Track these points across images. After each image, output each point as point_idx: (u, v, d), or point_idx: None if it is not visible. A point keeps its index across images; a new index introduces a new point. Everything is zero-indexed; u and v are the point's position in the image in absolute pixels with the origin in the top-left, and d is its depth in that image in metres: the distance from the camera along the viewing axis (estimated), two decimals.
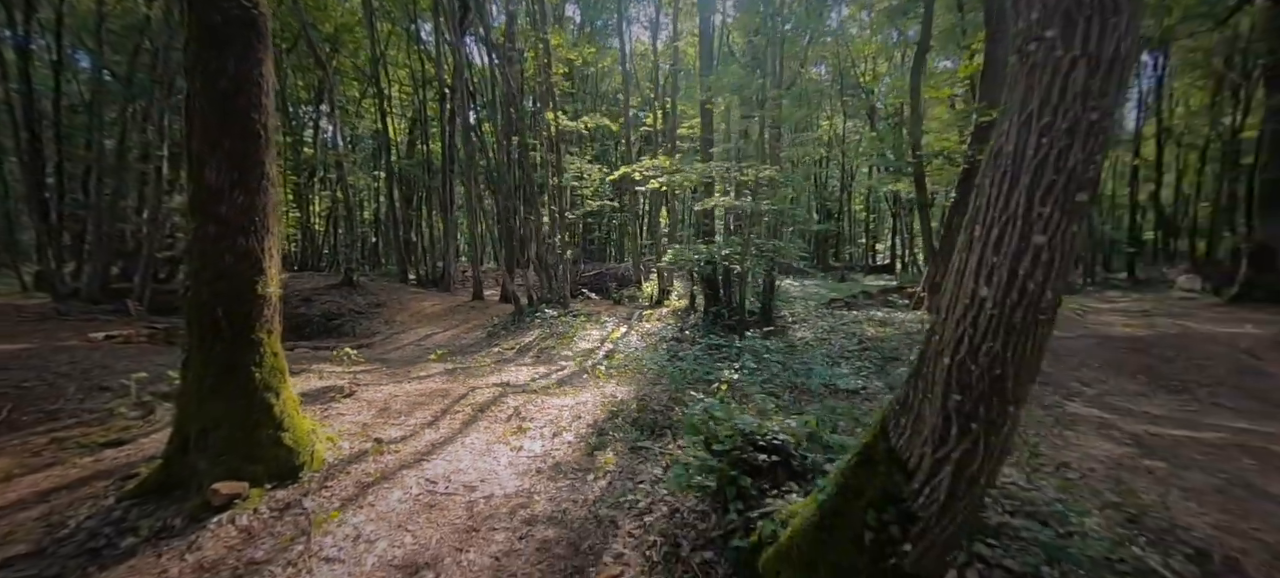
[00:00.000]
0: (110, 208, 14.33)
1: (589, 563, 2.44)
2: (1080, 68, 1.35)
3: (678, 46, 13.15)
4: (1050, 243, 1.43)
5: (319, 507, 2.94)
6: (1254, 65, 14.80)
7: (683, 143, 14.98)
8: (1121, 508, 2.71)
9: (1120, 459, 3.58)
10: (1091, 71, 1.34)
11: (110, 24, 14.26)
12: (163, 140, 14.15)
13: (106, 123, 14.62)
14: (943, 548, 1.69)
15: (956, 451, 1.59)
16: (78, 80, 16.85)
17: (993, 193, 1.52)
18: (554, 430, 4.14)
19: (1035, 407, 5.22)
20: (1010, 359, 1.51)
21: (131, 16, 15.06)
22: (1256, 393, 5.41)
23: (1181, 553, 2.35)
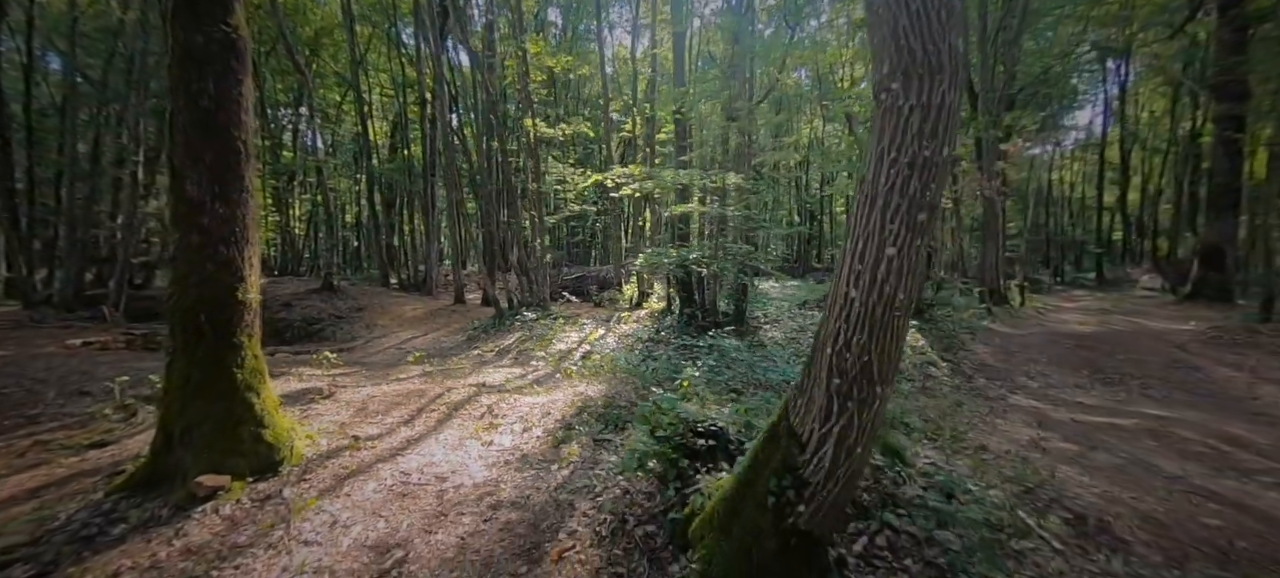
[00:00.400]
0: (83, 214, 14.24)
1: (546, 539, 2.74)
2: (916, 114, 1.69)
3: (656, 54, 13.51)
4: (899, 254, 1.77)
5: (298, 497, 3.20)
6: (1207, 74, 15.65)
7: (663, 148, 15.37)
8: (1022, 482, 3.09)
9: (1037, 442, 3.98)
10: (924, 118, 1.69)
11: (83, 26, 14.20)
12: (138, 145, 14.10)
13: (79, 126, 14.53)
14: (830, 508, 2.02)
15: (837, 425, 1.93)
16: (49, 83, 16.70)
17: (859, 214, 1.86)
18: (524, 426, 4.43)
19: (979, 399, 5.65)
20: (875, 348, 1.85)
21: (105, 19, 15.01)
22: (1182, 385, 5.89)
23: (1060, 517, 2.73)
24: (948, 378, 6.52)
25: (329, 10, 21.26)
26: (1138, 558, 2.47)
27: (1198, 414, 4.85)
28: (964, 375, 6.67)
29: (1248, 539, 2.61)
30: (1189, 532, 2.68)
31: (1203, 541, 2.60)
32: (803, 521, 2.00)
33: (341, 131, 26.46)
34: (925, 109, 1.68)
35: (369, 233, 24.83)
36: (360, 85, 20.39)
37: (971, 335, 8.26)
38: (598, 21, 14.27)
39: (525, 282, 12.21)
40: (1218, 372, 6.11)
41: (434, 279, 17.15)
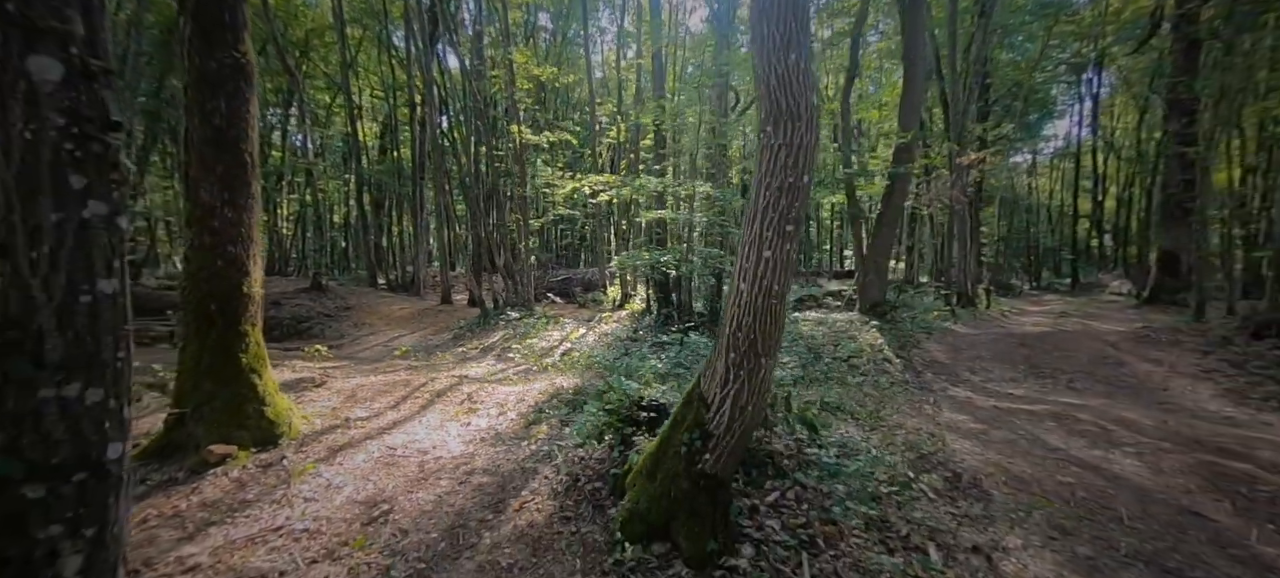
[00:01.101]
0: None
1: (510, 495, 3.27)
2: (783, 150, 2.27)
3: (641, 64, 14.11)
4: (773, 256, 2.34)
5: (296, 464, 3.71)
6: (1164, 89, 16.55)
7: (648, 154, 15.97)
8: (918, 450, 3.68)
9: (951, 423, 4.58)
10: (789, 154, 2.26)
11: None
12: (129, 144, 14.44)
13: None
14: (728, 455, 2.57)
15: (732, 389, 2.49)
16: None
17: (746, 226, 2.43)
18: (500, 411, 4.96)
19: (923, 390, 6.25)
20: (758, 328, 2.41)
21: None
22: (1103, 377, 6.55)
23: (940, 475, 3.32)
24: (898, 373, 7.13)
25: (320, 13, 21.67)
26: (995, 504, 3.05)
27: (1104, 402, 5.50)
28: (914, 371, 7.29)
29: (1087, 491, 3.21)
30: (1044, 487, 3.27)
31: (1052, 493, 3.20)
32: (708, 465, 2.56)
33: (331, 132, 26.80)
34: (789, 147, 2.26)
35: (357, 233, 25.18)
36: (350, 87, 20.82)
37: (928, 335, 8.90)
38: (584, 31, 14.86)
39: (510, 283, 12.71)
40: (1140, 367, 6.78)
41: (422, 280, 17.59)
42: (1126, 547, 2.69)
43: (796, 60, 2.25)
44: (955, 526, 2.82)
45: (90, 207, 1.21)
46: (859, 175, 10.16)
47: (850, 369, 7.06)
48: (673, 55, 14.35)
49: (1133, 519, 2.93)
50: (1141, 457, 3.71)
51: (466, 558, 2.65)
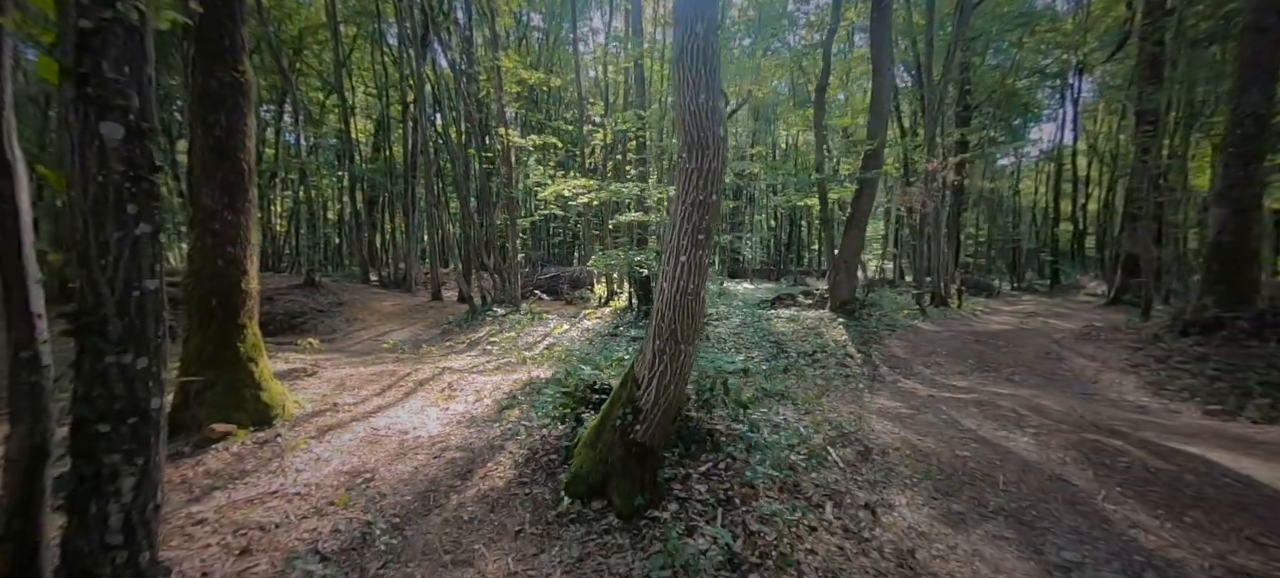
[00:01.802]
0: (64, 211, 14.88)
1: (477, 467, 3.76)
2: (695, 174, 2.76)
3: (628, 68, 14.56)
4: (689, 261, 2.83)
5: (289, 441, 4.18)
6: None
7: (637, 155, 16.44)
8: (840, 430, 4.18)
9: (882, 409, 5.09)
10: (700, 176, 2.75)
11: None
12: None
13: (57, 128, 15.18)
14: (657, 427, 3.06)
15: (658, 370, 2.98)
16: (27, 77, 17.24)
17: (670, 235, 2.92)
18: (476, 398, 5.44)
19: (873, 381, 6.77)
20: (678, 320, 2.90)
21: None
22: (1042, 371, 7.10)
23: (854, 449, 3.82)
24: (857, 367, 7.65)
25: (314, 11, 21.96)
26: (894, 472, 3.56)
27: (1031, 392, 6.03)
28: (872, 365, 7.81)
29: (978, 462, 3.72)
30: (941, 459, 3.78)
31: (946, 463, 3.71)
32: (639, 435, 3.05)
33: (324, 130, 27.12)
34: (701, 171, 2.75)
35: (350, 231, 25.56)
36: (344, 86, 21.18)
37: (892, 332, 9.42)
38: (573, 34, 15.30)
39: (498, 280, 13.18)
40: (1077, 362, 7.33)
41: (413, 277, 18.02)
42: (994, 505, 3.21)
43: (706, 100, 2.74)
44: (854, 488, 3.33)
45: (140, 227, 1.68)
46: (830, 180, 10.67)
47: (811, 363, 7.58)
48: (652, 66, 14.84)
49: (1007, 485, 3.44)
50: (1037, 436, 4.23)
51: (435, 515, 3.14)
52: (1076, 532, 2.96)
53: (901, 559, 2.69)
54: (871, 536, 2.88)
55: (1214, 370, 6.29)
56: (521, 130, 21.31)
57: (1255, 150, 7.04)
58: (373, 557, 2.71)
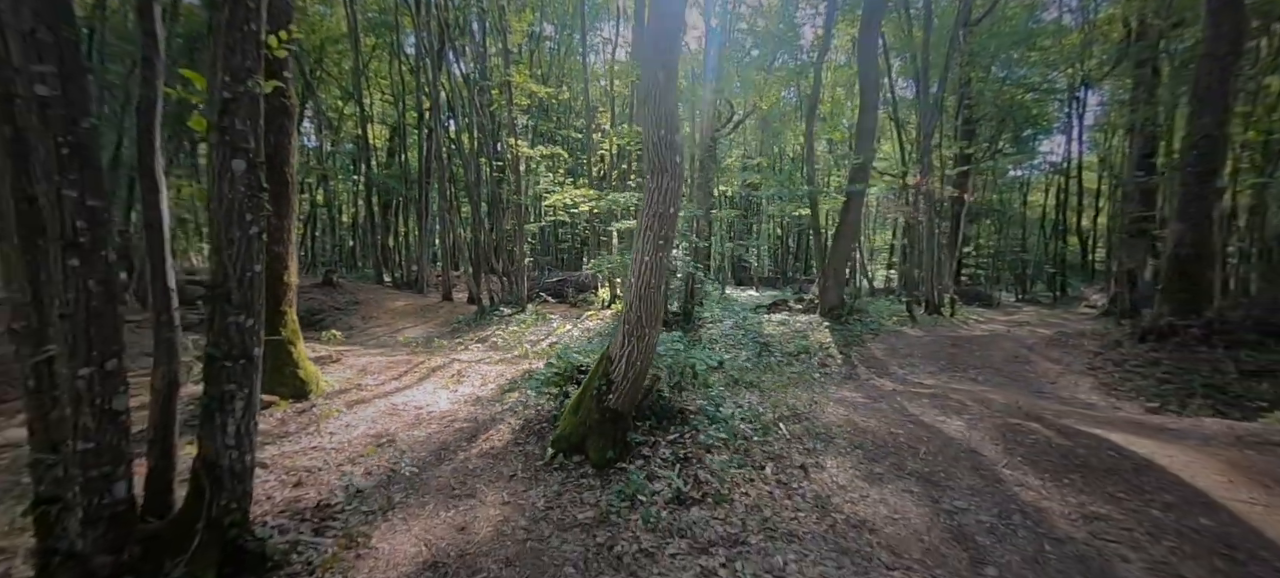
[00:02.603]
0: None
1: (481, 433, 4.52)
2: (657, 192, 3.51)
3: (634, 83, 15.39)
4: (651, 262, 3.57)
5: (323, 411, 4.98)
6: None
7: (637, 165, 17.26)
8: (795, 412, 4.88)
9: (840, 399, 5.76)
10: (660, 193, 3.50)
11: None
12: None
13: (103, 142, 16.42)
14: (626, 396, 3.80)
15: (627, 350, 3.72)
16: None
17: (637, 240, 3.67)
18: (482, 382, 6.22)
19: (846, 379, 7.42)
20: (643, 310, 3.65)
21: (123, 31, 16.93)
22: (1006, 372, 7.69)
23: (803, 426, 4.52)
24: (837, 366, 8.31)
25: (334, 22, 23.22)
26: (832, 444, 4.25)
27: (986, 389, 6.65)
28: (851, 364, 8.46)
29: (908, 438, 4.39)
30: (877, 435, 4.46)
31: (879, 438, 4.39)
32: (611, 402, 3.79)
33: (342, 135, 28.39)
34: (661, 190, 3.50)
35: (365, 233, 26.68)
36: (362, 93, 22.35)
37: (874, 336, 10.05)
38: (583, 48, 16.20)
39: (506, 283, 14.02)
40: (1042, 365, 7.91)
41: (425, 279, 18.96)
42: (910, 468, 3.89)
43: (665, 134, 3.50)
44: (794, 453, 4.03)
45: (252, 229, 2.47)
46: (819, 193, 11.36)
47: (792, 361, 8.26)
48: None
49: (927, 455, 4.12)
50: (968, 421, 4.88)
51: (446, 464, 3.90)
52: (971, 489, 3.63)
53: (819, 503, 3.39)
54: (799, 487, 3.58)
55: (1163, 373, 6.86)
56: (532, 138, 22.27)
57: (1210, 169, 7.61)
58: (397, 489, 3.48)
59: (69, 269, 1.95)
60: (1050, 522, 3.23)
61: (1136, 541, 3.03)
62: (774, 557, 2.79)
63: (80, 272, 1.96)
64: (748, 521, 3.13)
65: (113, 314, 2.08)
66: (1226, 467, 3.84)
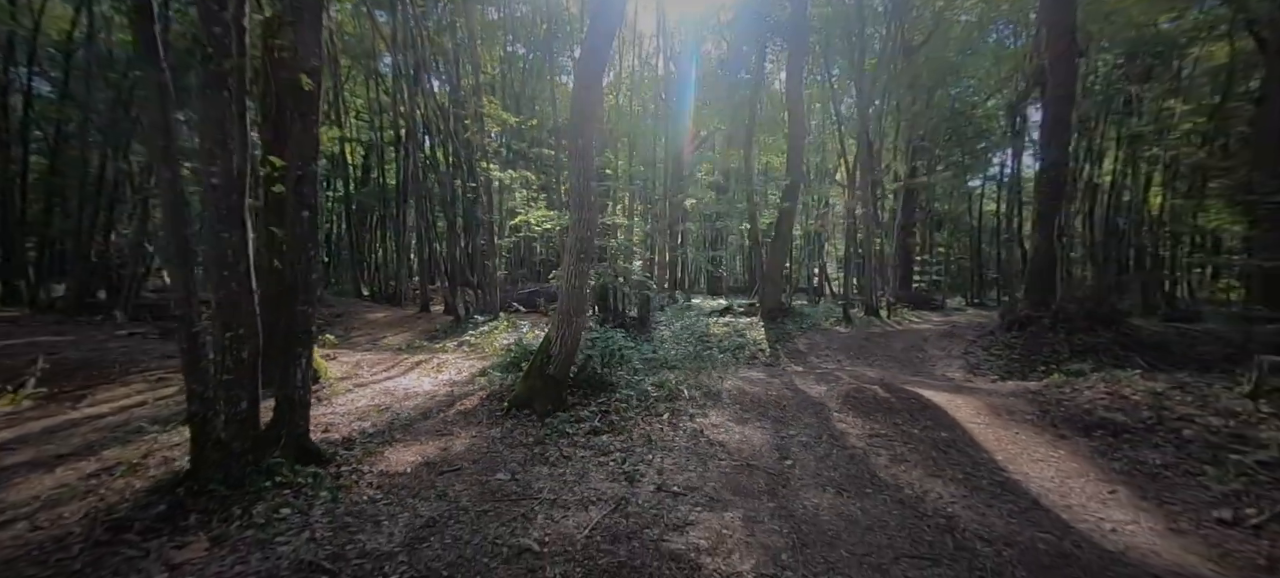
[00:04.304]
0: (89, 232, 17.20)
1: (456, 401, 6.11)
2: (578, 224, 5.21)
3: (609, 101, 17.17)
4: (577, 269, 5.25)
5: (331, 390, 6.52)
6: None
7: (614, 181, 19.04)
8: (701, 385, 6.58)
9: (745, 377, 7.48)
10: (582, 222, 5.20)
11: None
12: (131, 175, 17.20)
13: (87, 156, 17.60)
14: (561, 365, 5.43)
15: (561, 333, 5.38)
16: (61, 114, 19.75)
17: (567, 257, 5.36)
18: (458, 372, 7.79)
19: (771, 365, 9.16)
20: (571, 305, 5.32)
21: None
22: (897, 358, 9.54)
23: (703, 393, 6.22)
24: (766, 358, 10.06)
25: None
26: (720, 404, 5.94)
27: (872, 370, 8.46)
28: (776, 356, 10.23)
29: (776, 398, 6.12)
30: (755, 397, 6.17)
31: (755, 399, 6.10)
32: (551, 370, 5.44)
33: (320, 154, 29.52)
34: (582, 220, 5.21)
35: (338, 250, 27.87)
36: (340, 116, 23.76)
37: (804, 333, 11.88)
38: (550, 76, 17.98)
39: (480, 294, 15.55)
40: (931, 352, 9.79)
41: (403, 292, 20.34)
42: (770, 415, 5.60)
43: (584, 177, 5.21)
44: (688, 407, 5.71)
45: (311, 252, 4.09)
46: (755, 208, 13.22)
47: (724, 353, 10.00)
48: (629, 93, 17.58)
49: (784, 407, 5.84)
50: (829, 387, 6.64)
51: (429, 420, 5.49)
52: (806, 425, 5.35)
53: (692, 433, 5.07)
54: (682, 425, 5.26)
55: (1017, 354, 8.77)
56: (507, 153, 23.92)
57: (1057, 192, 9.65)
58: (396, 432, 5.06)
59: (221, 277, 3.55)
60: (846, 439, 4.97)
61: (893, 447, 4.78)
62: (650, 456, 4.45)
63: (227, 278, 3.56)
64: (639, 441, 4.79)
65: (248, 304, 3.66)
66: (985, 407, 5.66)
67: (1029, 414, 5.40)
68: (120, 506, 3.39)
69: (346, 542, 3.03)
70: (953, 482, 4.05)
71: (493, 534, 3.12)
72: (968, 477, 4.15)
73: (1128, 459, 4.28)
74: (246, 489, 3.50)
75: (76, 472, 4.04)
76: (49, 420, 5.43)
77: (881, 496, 3.81)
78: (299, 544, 2.98)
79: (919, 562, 2.96)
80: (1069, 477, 4.09)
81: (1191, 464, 4.06)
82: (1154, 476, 4.02)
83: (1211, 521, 3.39)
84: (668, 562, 2.85)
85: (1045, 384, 6.37)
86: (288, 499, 3.47)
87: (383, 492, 3.73)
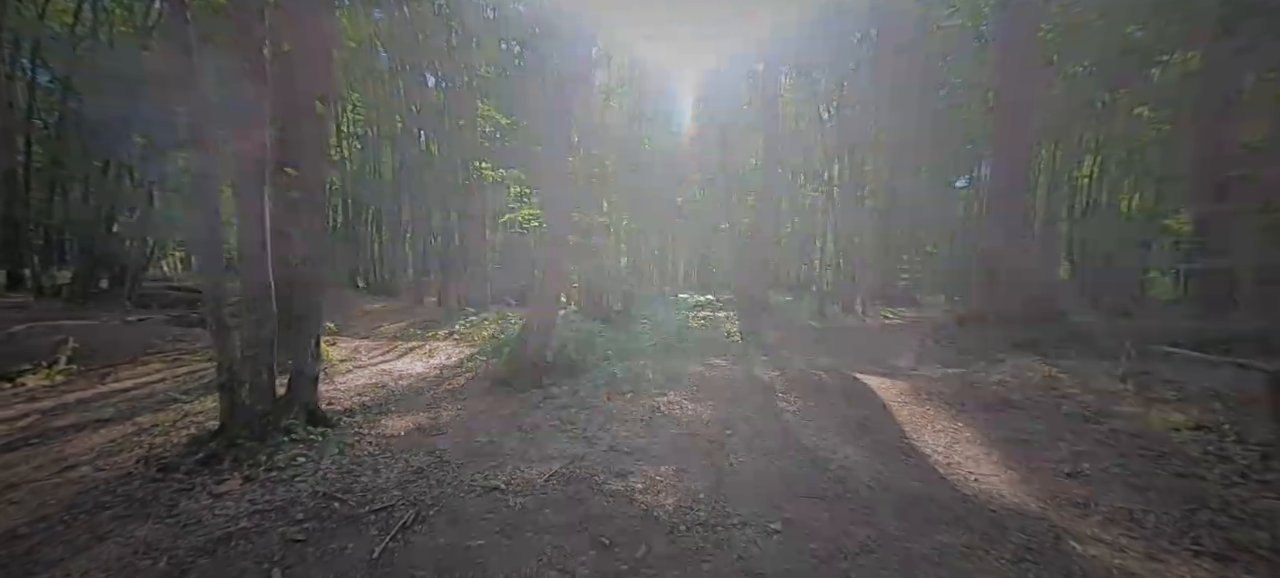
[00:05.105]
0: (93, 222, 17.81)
1: (446, 381, 6.87)
2: (551, 241, 5.96)
3: None
4: (551, 272, 6.02)
5: (336, 369, 7.26)
6: None
7: None
8: (667, 371, 7.36)
9: (709, 364, 8.26)
10: (553, 242, 5.95)
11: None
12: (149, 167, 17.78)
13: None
14: (538, 349, 6.20)
15: (536, 321, 6.14)
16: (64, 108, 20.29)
17: (543, 250, 6.11)
18: (448, 356, 8.55)
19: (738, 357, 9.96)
20: (546, 295, 6.08)
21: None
22: (856, 350, 10.35)
23: (665, 377, 7.00)
24: (738, 349, 10.85)
25: None
26: (679, 386, 6.72)
27: (827, 358, 9.26)
28: (745, 347, 11.02)
29: (729, 381, 6.90)
30: (712, 381, 6.95)
31: (711, 382, 6.88)
32: (529, 353, 6.21)
33: None
34: (555, 219, 5.96)
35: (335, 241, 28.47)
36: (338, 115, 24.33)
37: (776, 328, 12.68)
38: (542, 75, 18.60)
39: (472, 288, 16.28)
40: (889, 344, 10.60)
41: (398, 284, 21.04)
42: (723, 396, 6.38)
43: (557, 170, 5.96)
44: (651, 389, 6.49)
45: (319, 237, 4.83)
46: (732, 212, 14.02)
47: (696, 344, 10.78)
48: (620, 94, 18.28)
49: (736, 389, 6.63)
50: (779, 372, 7.43)
51: (422, 396, 6.25)
52: (752, 404, 6.13)
53: (650, 408, 5.84)
54: (643, 402, 6.04)
55: (961, 347, 9.59)
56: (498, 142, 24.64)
57: (1007, 196, 10.43)
58: (392, 405, 5.82)
59: (247, 271, 4.29)
60: (783, 415, 5.75)
61: (820, 420, 5.57)
62: (609, 426, 5.22)
63: (251, 271, 4.30)
64: (601, 414, 5.57)
65: (267, 292, 4.40)
66: (909, 390, 6.47)
67: (945, 395, 6.21)
68: (165, 455, 4.14)
69: (351, 481, 3.79)
70: (862, 447, 4.84)
71: (468, 478, 3.89)
72: (876, 443, 4.94)
73: (1010, 429, 5.08)
74: (268, 444, 4.26)
75: (120, 432, 4.79)
76: (83, 393, 6.17)
77: (799, 457, 4.59)
78: (313, 482, 3.74)
79: (810, 500, 3.74)
80: (958, 443, 4.89)
81: (1059, 432, 4.87)
82: (1026, 441, 4.82)
83: (1056, 474, 4.20)
84: (607, 497, 3.63)
85: (966, 371, 7.18)
86: (302, 451, 4.23)
87: (380, 448, 4.50)
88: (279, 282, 4.78)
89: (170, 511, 3.36)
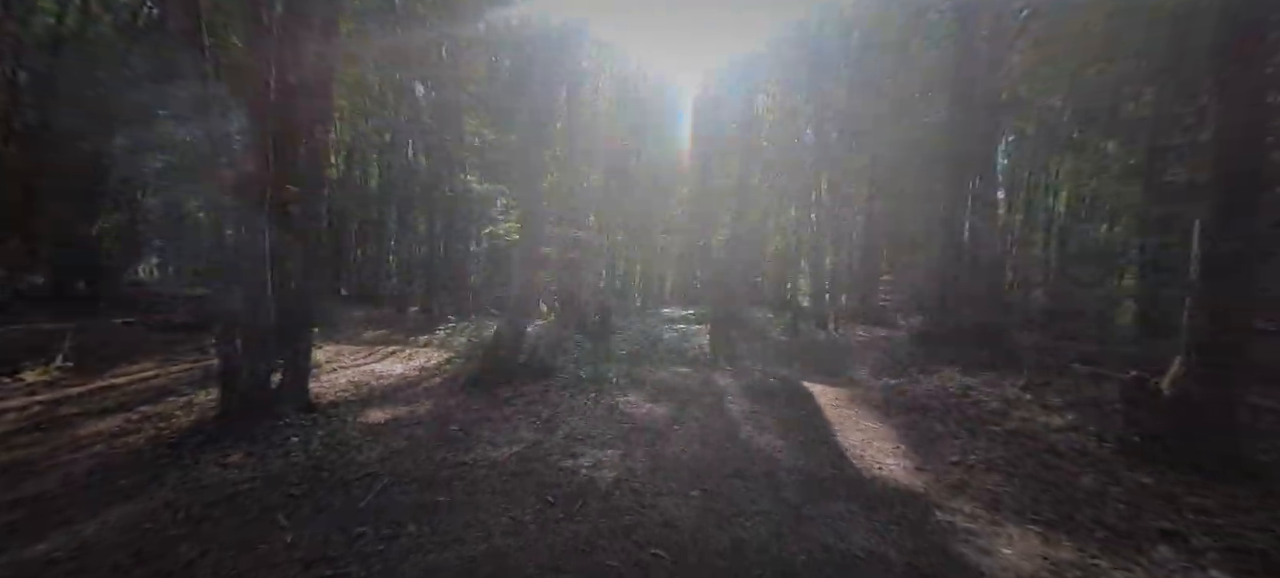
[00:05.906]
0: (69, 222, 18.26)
1: (425, 382, 7.57)
2: (526, 256, 6.75)
3: None
4: (524, 282, 6.79)
5: (317, 370, 7.92)
6: None
7: None
8: (632, 376, 8.13)
9: (672, 372, 9.04)
10: (528, 256, 6.74)
11: None
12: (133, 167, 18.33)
13: None
14: (509, 352, 6.94)
15: (511, 327, 6.90)
16: None
17: (516, 271, 6.89)
18: (427, 360, 9.24)
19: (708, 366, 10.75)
20: (521, 304, 6.84)
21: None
22: (817, 362, 11.21)
23: (629, 382, 7.77)
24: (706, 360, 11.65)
25: None
26: (641, 388, 7.49)
27: (784, 371, 10.09)
28: (714, 358, 11.82)
29: (687, 388, 7.68)
30: (671, 385, 7.73)
31: (670, 386, 7.66)
32: (501, 356, 6.95)
33: None
34: (529, 233, 6.76)
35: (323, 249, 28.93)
36: None
37: (747, 341, 13.51)
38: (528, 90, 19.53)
39: (454, 296, 16.96)
40: (849, 359, 11.46)
41: (381, 293, 21.62)
42: (679, 398, 7.15)
43: (531, 187, 6.77)
44: (613, 390, 7.25)
45: (311, 249, 5.57)
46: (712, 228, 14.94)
47: (669, 354, 11.57)
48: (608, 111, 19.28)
49: (692, 393, 7.41)
50: (735, 378, 8.23)
51: (401, 393, 6.95)
52: (704, 405, 6.91)
53: (609, 407, 6.60)
54: (603, 400, 6.80)
55: (913, 360, 10.46)
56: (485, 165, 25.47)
57: (954, 228, 11.43)
58: (372, 401, 6.51)
59: (247, 276, 5.02)
60: (730, 415, 6.54)
61: (762, 419, 6.36)
62: (570, 418, 5.97)
63: (251, 276, 5.02)
64: (563, 410, 6.31)
65: (264, 294, 5.12)
66: (846, 396, 7.31)
67: (875, 401, 7.05)
68: (172, 436, 4.82)
69: (339, 457, 4.50)
70: (790, 440, 5.64)
71: (440, 457, 4.62)
72: (805, 438, 5.74)
73: (921, 429, 5.92)
74: (264, 427, 4.95)
75: (126, 418, 5.44)
76: (83, 388, 6.79)
77: (734, 448, 5.38)
78: (306, 457, 4.45)
79: (734, 479, 4.52)
80: (874, 439, 5.71)
81: (960, 432, 5.71)
82: (933, 439, 5.65)
83: (946, 463, 5.02)
84: (556, 471, 4.38)
85: (900, 381, 8.05)
86: (294, 433, 4.94)
87: (363, 434, 5.21)
88: (275, 288, 5.50)
89: (183, 478, 4.05)
